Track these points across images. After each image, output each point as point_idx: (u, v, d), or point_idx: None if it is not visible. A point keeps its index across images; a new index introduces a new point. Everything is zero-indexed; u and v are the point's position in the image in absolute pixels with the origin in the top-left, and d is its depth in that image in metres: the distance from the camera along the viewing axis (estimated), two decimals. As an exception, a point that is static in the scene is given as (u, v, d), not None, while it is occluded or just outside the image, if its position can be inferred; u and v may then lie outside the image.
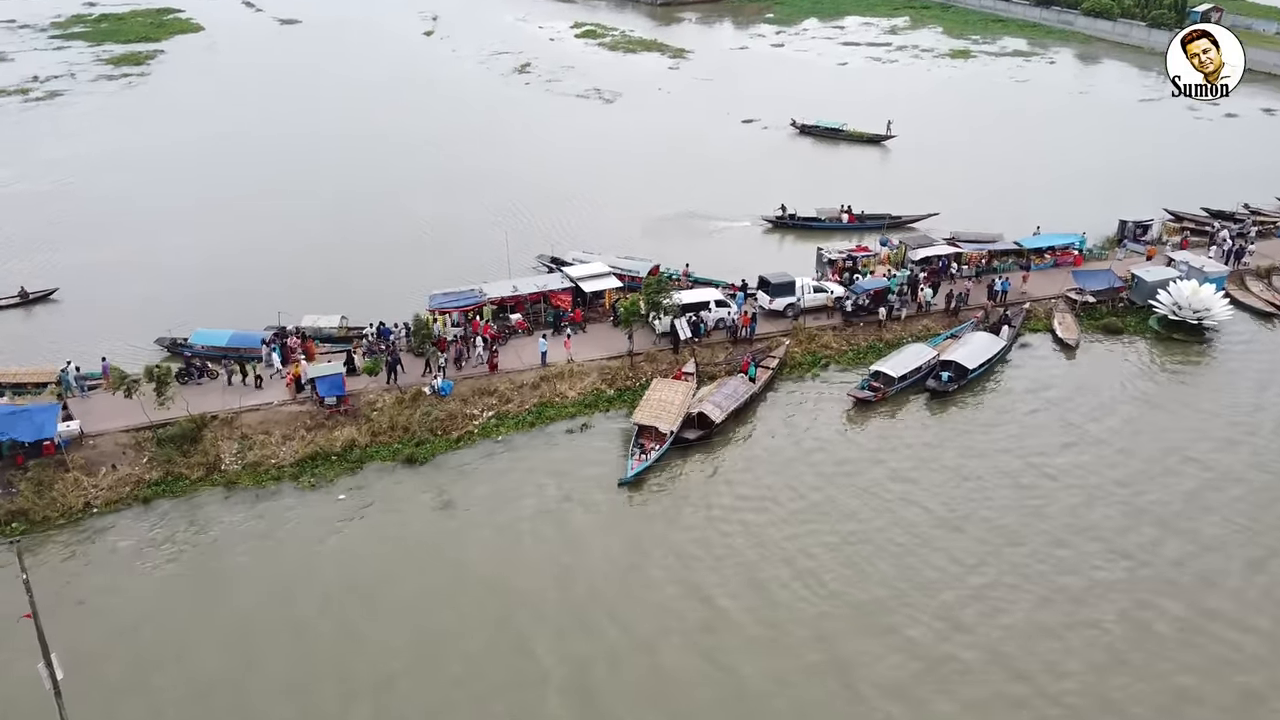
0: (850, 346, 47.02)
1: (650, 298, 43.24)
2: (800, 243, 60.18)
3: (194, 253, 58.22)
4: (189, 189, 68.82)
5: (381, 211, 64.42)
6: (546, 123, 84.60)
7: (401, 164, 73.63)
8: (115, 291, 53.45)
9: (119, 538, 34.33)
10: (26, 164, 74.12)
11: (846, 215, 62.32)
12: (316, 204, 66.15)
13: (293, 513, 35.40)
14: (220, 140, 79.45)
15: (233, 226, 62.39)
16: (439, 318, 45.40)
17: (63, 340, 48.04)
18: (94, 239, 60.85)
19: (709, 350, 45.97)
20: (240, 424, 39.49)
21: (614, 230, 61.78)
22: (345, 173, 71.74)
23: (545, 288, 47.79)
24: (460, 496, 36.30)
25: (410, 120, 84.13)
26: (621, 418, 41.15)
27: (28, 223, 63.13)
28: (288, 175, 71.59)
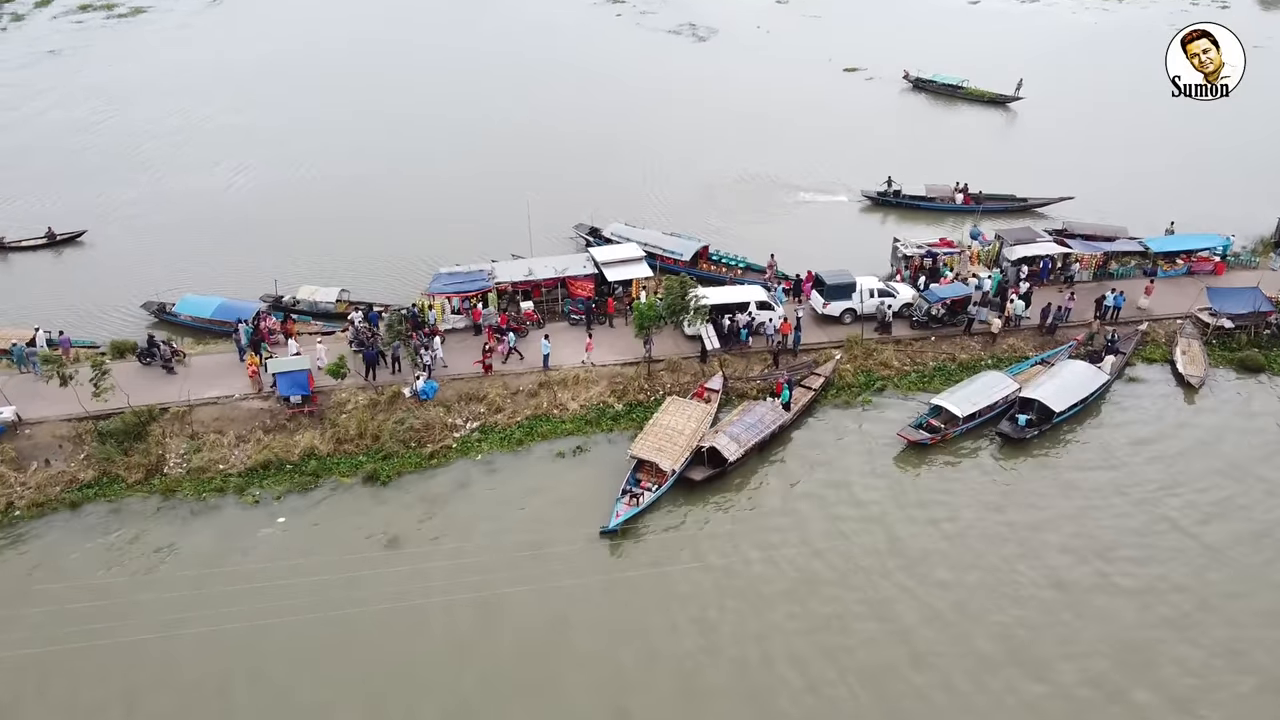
0: (914, 366, 39.36)
1: (671, 302, 36.53)
2: (905, 225, 52.03)
3: (241, 195, 54.79)
4: (249, 120, 65.18)
5: (414, 160, 59.28)
6: (625, 62, 77.29)
7: (443, 118, 67.97)
8: (147, 238, 50.18)
9: (19, 553, 30.48)
10: (69, 89, 71.78)
11: (962, 195, 53.51)
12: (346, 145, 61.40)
13: (214, 542, 30.72)
14: (273, 67, 75.50)
15: (283, 166, 58.58)
16: (435, 302, 39.93)
17: (77, 289, 45.48)
18: (140, 175, 57.92)
19: (743, 361, 39.15)
20: (193, 419, 35.17)
21: (674, 197, 54.88)
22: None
23: (564, 272, 41.60)
24: (410, 533, 31.07)
25: (467, 60, 78.18)
26: (625, 440, 35.06)
27: (70, 155, 60.69)
28: (321, 112, 67.00)
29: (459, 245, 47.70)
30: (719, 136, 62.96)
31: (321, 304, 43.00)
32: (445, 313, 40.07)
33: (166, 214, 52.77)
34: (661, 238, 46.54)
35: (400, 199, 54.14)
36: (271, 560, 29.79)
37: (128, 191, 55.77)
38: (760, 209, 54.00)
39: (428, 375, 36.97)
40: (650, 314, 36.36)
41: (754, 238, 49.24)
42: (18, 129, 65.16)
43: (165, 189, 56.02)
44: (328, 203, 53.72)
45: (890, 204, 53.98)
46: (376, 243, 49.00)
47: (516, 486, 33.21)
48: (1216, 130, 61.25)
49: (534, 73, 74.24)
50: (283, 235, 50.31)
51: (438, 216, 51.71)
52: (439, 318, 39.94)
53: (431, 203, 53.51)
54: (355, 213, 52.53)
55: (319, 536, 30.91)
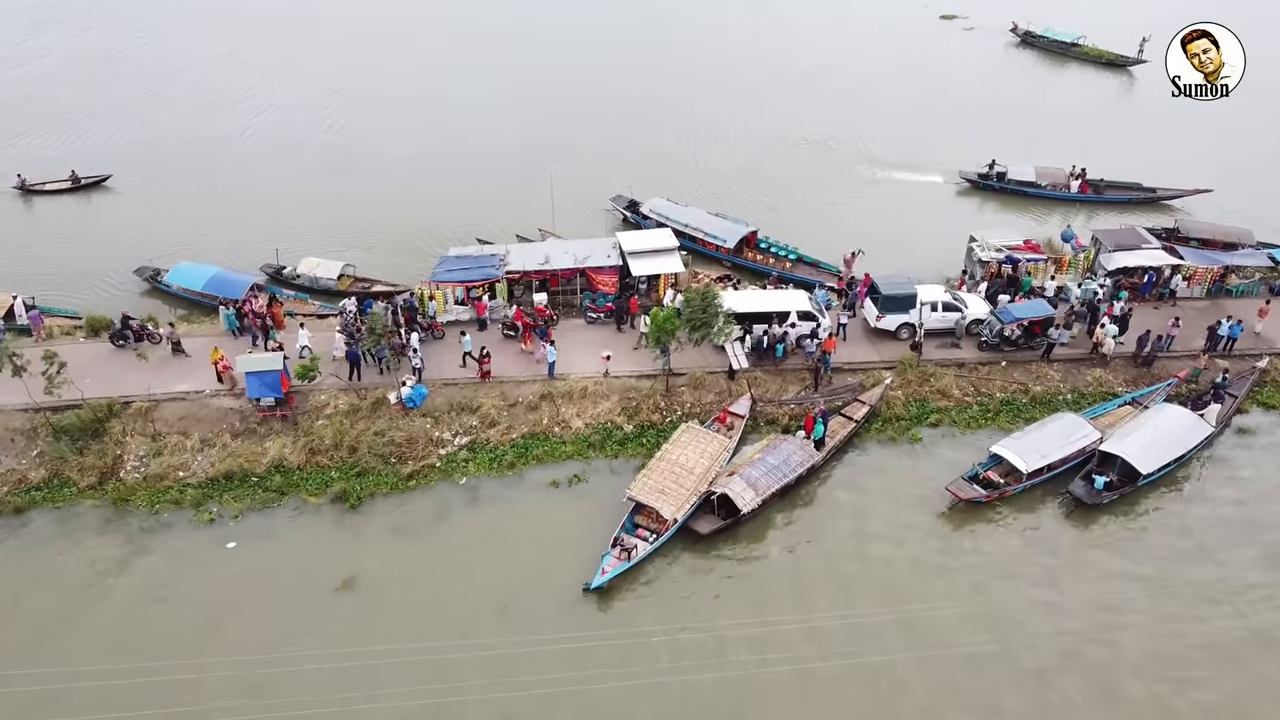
0: (978, 397, 33.79)
1: (691, 315, 31.60)
2: (1006, 214, 45.82)
3: (256, 142, 51.42)
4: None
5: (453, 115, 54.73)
6: (676, 10, 70.42)
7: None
8: (178, 186, 47.29)
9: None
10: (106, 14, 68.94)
11: (1078, 182, 46.71)
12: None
13: (157, 567, 27.58)
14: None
15: (302, 112, 54.81)
16: (437, 292, 35.77)
17: (84, 244, 42.97)
18: (161, 115, 55.01)
19: (778, 379, 34.15)
20: (157, 417, 32.00)
21: (724, 170, 49.33)
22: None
23: (585, 261, 36.89)
24: (368, 575, 27.35)
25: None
26: (630, 470, 30.71)
27: (97, 87, 57.96)
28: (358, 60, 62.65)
29: (482, 219, 43.53)
30: (783, 96, 56.95)
31: (323, 280, 39.29)
32: (447, 304, 35.92)
33: (185, 160, 49.84)
34: (704, 219, 41.38)
35: (426, 161, 49.90)
36: (208, 598, 26.50)
37: (149, 132, 52.93)
38: (829, 187, 48.05)
39: (417, 379, 33.05)
40: (668, 327, 31.56)
41: (816, 222, 43.73)
42: (42, 60, 62.56)
43: (185, 131, 52.96)
44: (343, 160, 49.94)
45: (992, 189, 47.37)
46: (393, 209, 45.09)
47: (497, 521, 29.20)
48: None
49: (574, 29, 68.23)
50: (294, 193, 46.68)
51: (464, 184, 47.29)
52: (440, 309, 35.84)
53: (459, 168, 49.17)
54: (374, 172, 48.62)
55: (267, 571, 27.43)
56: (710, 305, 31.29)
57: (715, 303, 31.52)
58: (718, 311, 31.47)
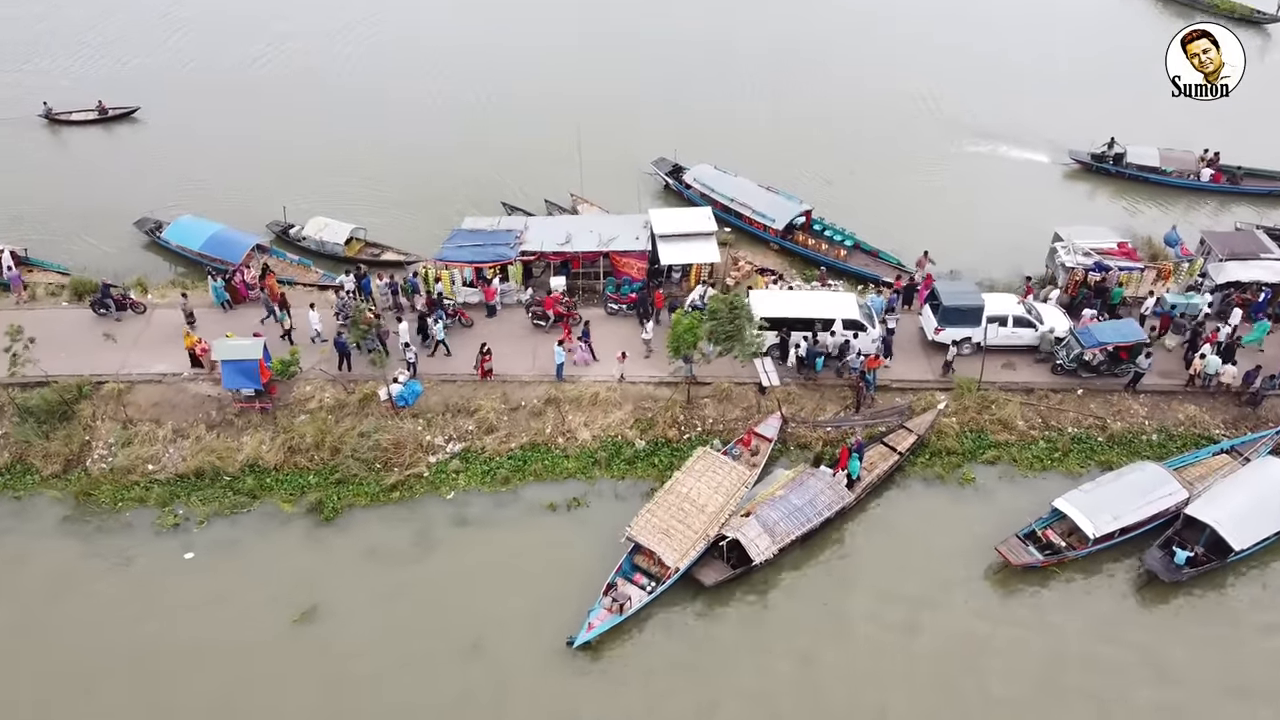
0: (1045, 432, 29.29)
1: (720, 327, 27.54)
2: (1119, 201, 40.31)
3: (281, 73, 48.21)
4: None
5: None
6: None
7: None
8: (203, 125, 44.37)
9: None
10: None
11: (1209, 170, 40.54)
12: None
13: (109, 577, 25.34)
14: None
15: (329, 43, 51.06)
16: (443, 272, 32.33)
17: (102, 178, 40.47)
18: (190, 42, 51.89)
19: (814, 395, 30.10)
20: (130, 401, 29.49)
21: (791, 134, 44.22)
22: None
23: (610, 243, 32.95)
24: (331, 606, 24.58)
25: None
26: (638, 495, 27.36)
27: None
28: None
29: (514, 180, 39.70)
30: (868, 51, 50.99)
31: (329, 244, 36.11)
32: (455, 285, 32.49)
33: (213, 94, 46.67)
34: (753, 193, 36.89)
35: (462, 110, 45.73)
36: (150, 624, 24.11)
37: (177, 61, 49.98)
38: (909, 159, 42.50)
39: (412, 374, 29.90)
40: (689, 338, 27.67)
41: (884, 202, 38.83)
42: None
43: (214, 62, 49.72)
44: (368, 104, 45.94)
45: (1107, 173, 41.37)
46: (417, 163, 41.20)
47: (482, 549, 26.13)
48: None
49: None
50: (311, 139, 43.03)
51: (501, 139, 42.86)
52: (446, 291, 32.44)
53: (498, 122, 44.51)
54: (403, 118, 44.76)
55: (223, 593, 24.87)
56: (739, 316, 27.20)
57: (744, 313, 27.40)
58: (747, 324, 27.37)
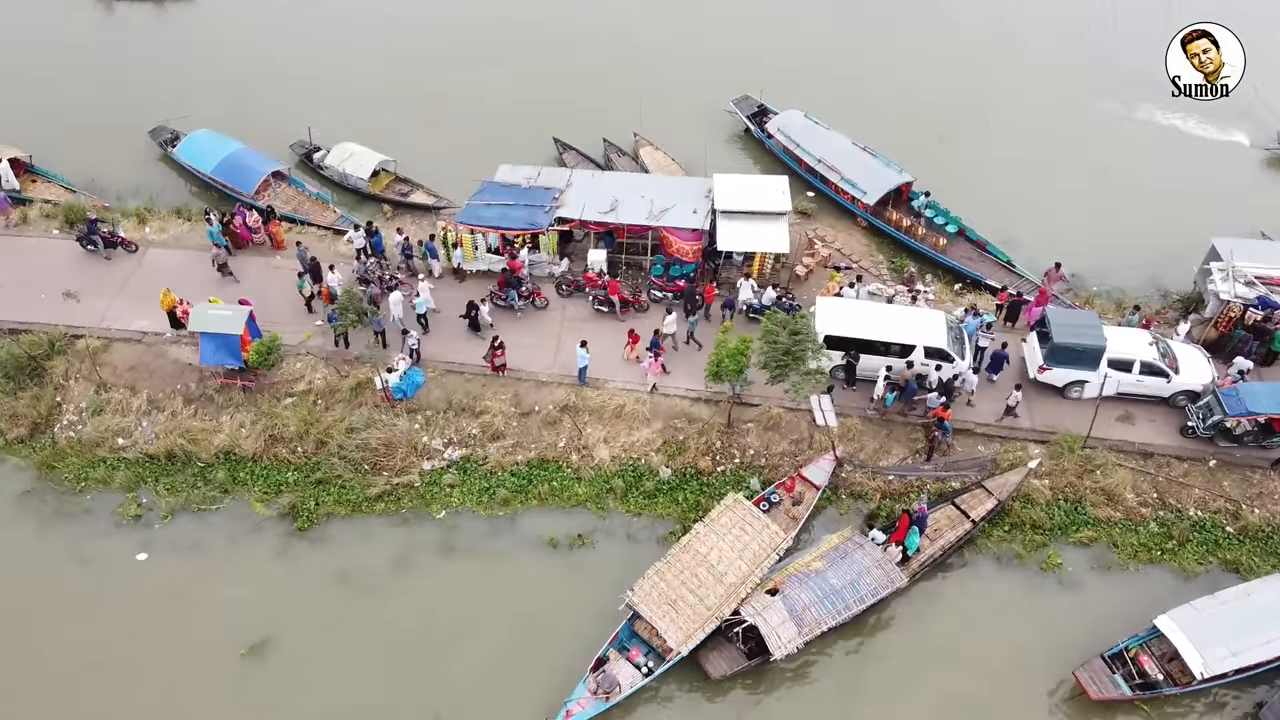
0: (1159, 512, 23.89)
1: (773, 357, 22.57)
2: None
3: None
4: None
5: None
6: None
7: None
8: (271, 21, 39.98)
9: None
10: None
11: None
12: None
13: (57, 572, 22.84)
14: None
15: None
16: (466, 236, 27.89)
17: (140, 73, 36.54)
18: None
19: (881, 433, 25.17)
20: (106, 361, 26.49)
21: (913, 77, 37.27)
22: None
23: (662, 216, 27.85)
24: (285, 642, 21.57)
25: None
26: (654, 537, 23.44)
27: None
28: None
29: (576, 115, 34.35)
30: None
31: (352, 177, 31.88)
32: (477, 251, 28.09)
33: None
34: (847, 154, 31.04)
35: (526, 31, 39.47)
36: (76, 642, 21.62)
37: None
38: (1052, 121, 35.20)
39: (414, 361, 26.01)
40: (732, 366, 22.91)
41: (1008, 178, 32.36)
42: None
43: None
44: (433, 29, 40.20)
45: None
46: (470, 88, 35.95)
47: (465, 589, 22.64)
48: None
49: None
50: (366, 59, 37.82)
51: (569, 65, 37.01)
52: (468, 257, 28.11)
53: (570, 44, 38.17)
54: (464, 44, 38.83)
55: (169, 609, 22.12)
56: (801, 344, 22.12)
57: (808, 341, 22.32)
58: (810, 353, 22.31)
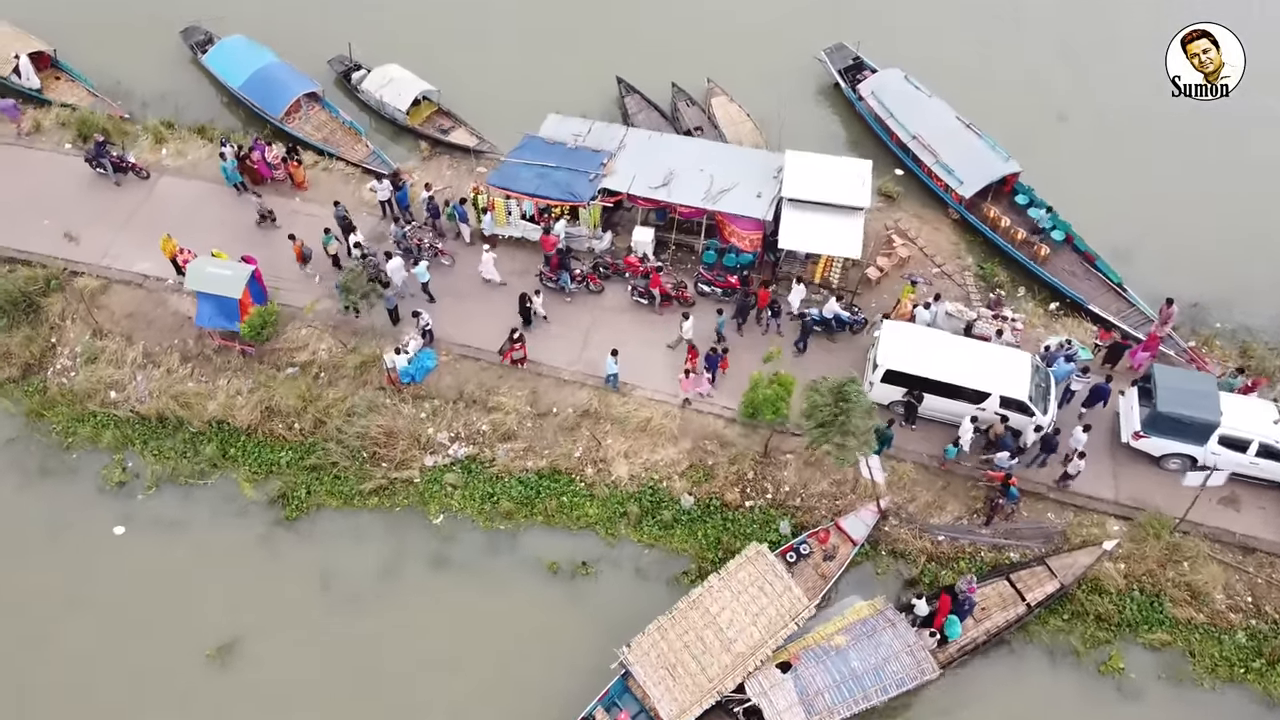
0: (1254, 620, 20.56)
1: (814, 412, 19.41)
2: None
3: None
4: None
5: None
6: None
7: None
8: None
9: None
10: None
11: None
12: None
13: (30, 539, 21.61)
14: None
15: None
16: (497, 200, 24.88)
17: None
18: None
19: (937, 484, 22.06)
20: (105, 304, 24.65)
21: (1045, 39, 32.05)
22: None
23: (719, 199, 24.34)
24: (251, 650, 20.16)
25: None
26: (665, 576, 21.19)
27: None
28: None
29: (650, 55, 30.39)
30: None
31: (389, 106, 28.84)
32: (510, 216, 25.10)
33: None
34: (948, 132, 26.87)
35: None
36: (62, 608, 20.54)
37: None
38: (1205, 114, 29.44)
39: (427, 342, 23.56)
40: (770, 411, 19.93)
41: (1136, 174, 27.75)
42: None
43: None
44: None
45: None
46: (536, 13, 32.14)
47: (451, 612, 20.77)
48: None
49: None
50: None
51: None
52: (499, 222, 25.17)
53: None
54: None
55: (137, 596, 20.85)
56: (848, 411, 18.91)
57: (857, 405, 19.06)
58: (857, 417, 19.09)
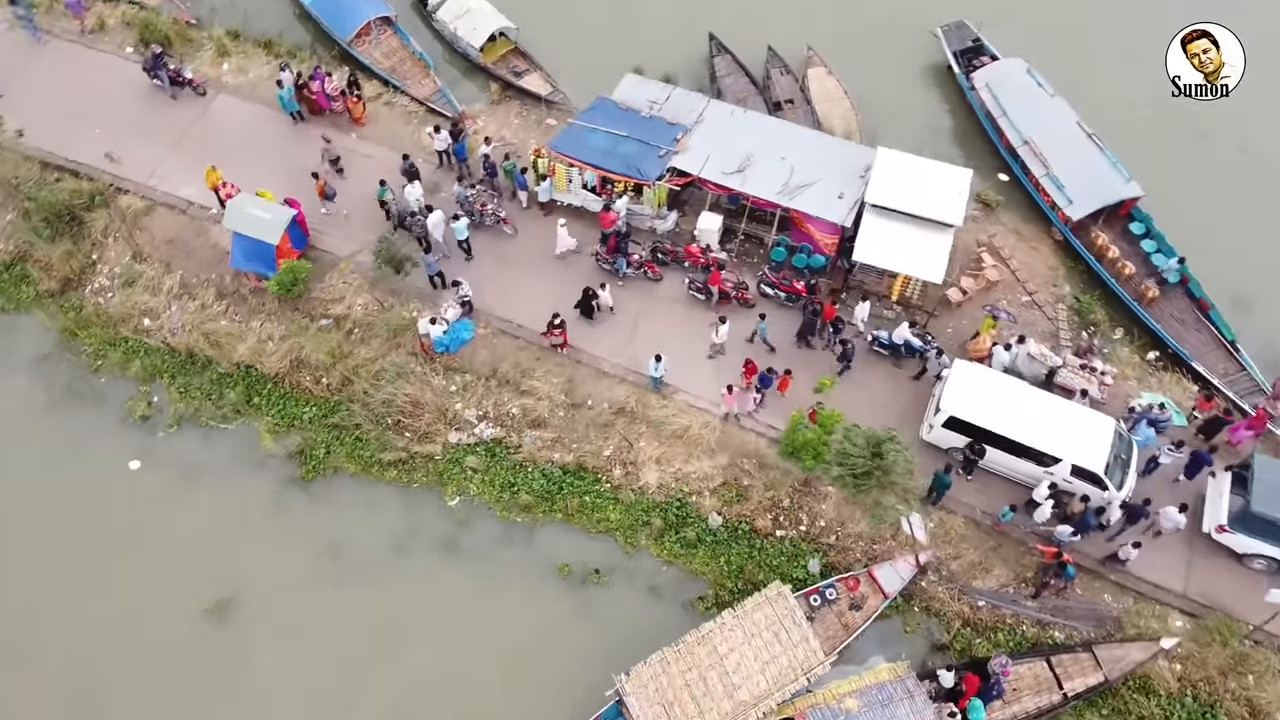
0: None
1: (847, 459, 17.63)
2: None
3: None
4: None
5: None
6: None
7: None
8: None
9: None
10: None
11: None
12: None
13: (54, 462, 21.40)
14: None
15: None
16: (558, 165, 23.11)
17: None
18: None
19: (987, 543, 20.24)
20: (147, 225, 23.86)
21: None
22: None
23: (795, 196, 22.16)
24: (251, 606, 19.73)
25: None
26: (681, 599, 20.05)
27: None
28: None
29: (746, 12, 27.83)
30: None
31: (463, 39, 26.96)
32: (570, 184, 23.36)
33: None
34: (1064, 140, 24.23)
35: None
36: (62, 539, 20.40)
37: None
38: None
39: (465, 312, 22.28)
40: (809, 457, 18.26)
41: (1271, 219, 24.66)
42: None
43: None
44: None
45: None
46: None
47: (453, 606, 19.93)
48: None
49: None
50: None
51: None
52: (558, 187, 23.47)
53: None
54: None
55: (140, 536, 20.53)
56: (888, 468, 17.10)
57: (897, 460, 17.20)
58: (898, 474, 17.27)
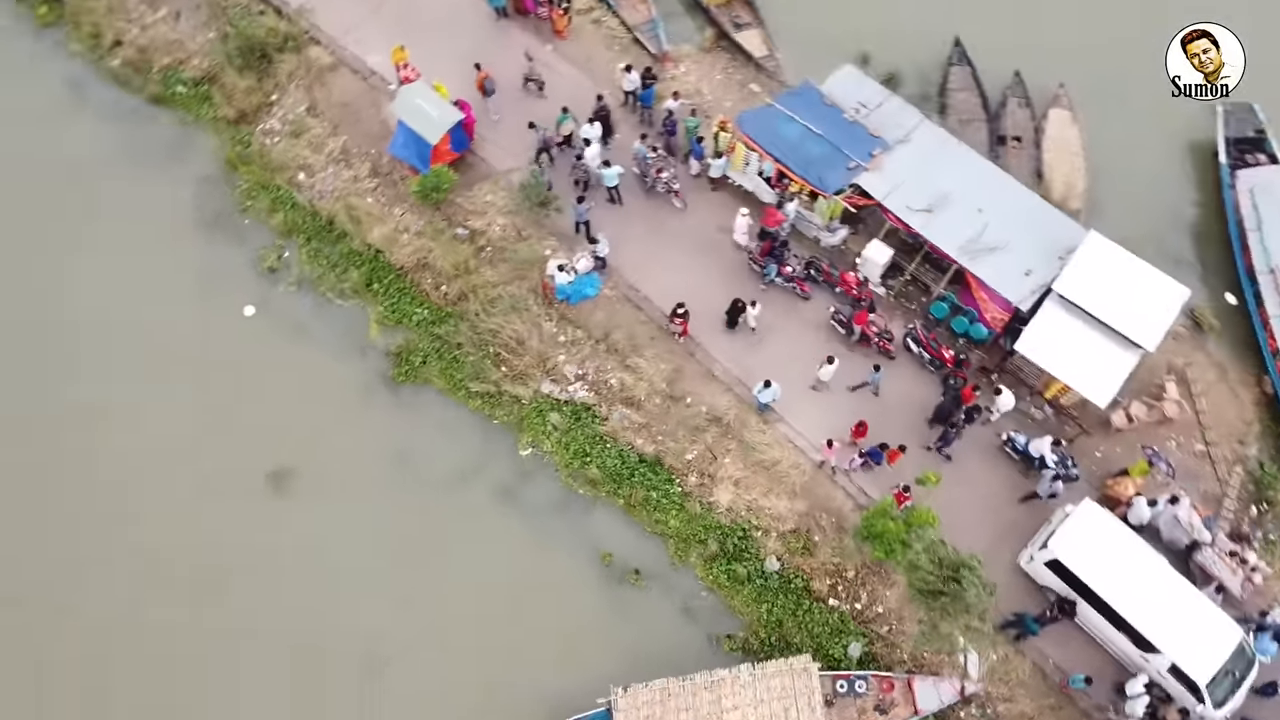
0: None
1: (916, 570, 15.96)
2: None
3: None
4: None
5: None
6: None
7: None
8: None
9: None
10: None
11: None
12: None
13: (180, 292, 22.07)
14: None
15: None
16: (741, 148, 21.50)
17: None
18: None
19: (1048, 700, 18.34)
20: (328, 83, 23.73)
21: None
22: None
23: (975, 258, 19.80)
24: (308, 484, 20.13)
25: None
26: (706, 635, 19.23)
27: None
28: None
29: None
30: None
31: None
32: (747, 164, 21.76)
33: None
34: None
35: None
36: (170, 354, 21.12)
37: None
38: None
39: (597, 267, 21.36)
40: (882, 550, 16.81)
41: None
42: None
43: None
44: None
45: None
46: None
47: (489, 562, 19.65)
48: None
49: None
50: None
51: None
52: (736, 166, 21.92)
53: None
54: None
55: (235, 384, 21.09)
56: (960, 596, 15.49)
57: (975, 586, 15.53)
58: (975, 596, 15.66)
